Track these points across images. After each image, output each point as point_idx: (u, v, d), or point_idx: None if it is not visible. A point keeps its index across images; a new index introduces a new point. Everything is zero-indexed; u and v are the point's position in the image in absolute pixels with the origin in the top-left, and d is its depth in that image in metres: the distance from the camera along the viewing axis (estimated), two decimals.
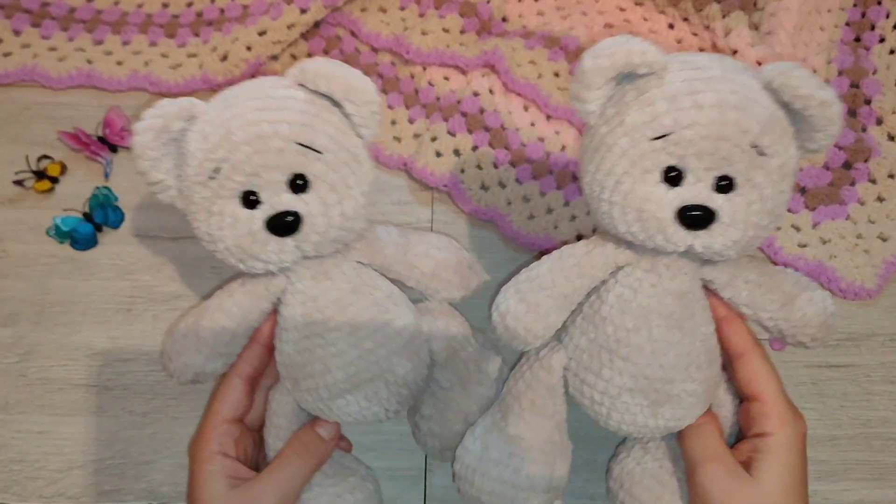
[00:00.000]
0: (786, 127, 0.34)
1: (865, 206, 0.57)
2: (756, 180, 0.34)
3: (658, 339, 0.37)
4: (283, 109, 0.35)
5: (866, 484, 0.50)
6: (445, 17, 0.62)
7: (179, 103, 0.36)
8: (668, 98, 0.33)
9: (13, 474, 0.49)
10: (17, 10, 0.64)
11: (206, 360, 0.41)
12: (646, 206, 0.34)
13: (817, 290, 0.40)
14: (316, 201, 0.36)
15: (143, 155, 0.36)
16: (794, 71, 0.33)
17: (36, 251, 0.55)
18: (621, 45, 0.33)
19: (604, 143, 0.35)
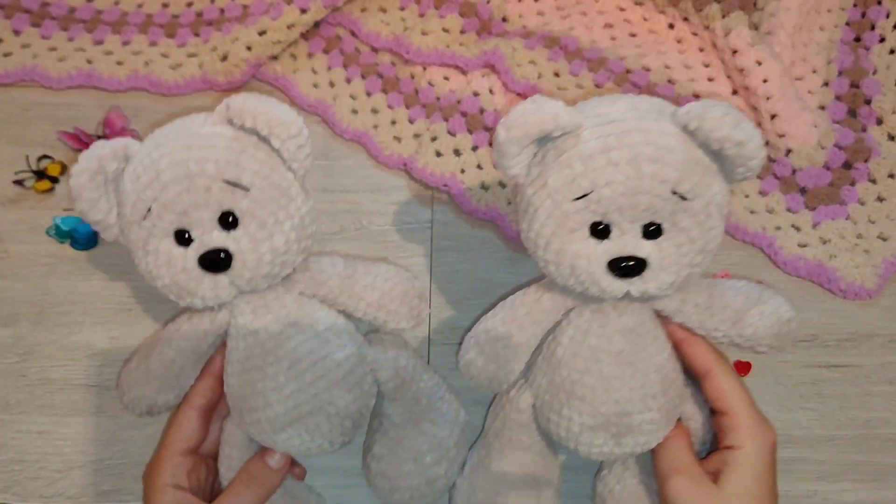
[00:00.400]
0: (707, 166, 0.34)
1: (865, 206, 0.57)
2: (682, 224, 0.34)
3: (609, 377, 0.38)
4: (209, 147, 0.36)
5: (865, 485, 0.50)
6: (445, 17, 0.62)
7: (113, 145, 0.37)
8: (584, 158, 0.34)
9: (13, 474, 0.49)
10: (17, 10, 0.64)
11: (156, 392, 0.42)
12: (577, 262, 0.35)
13: (770, 300, 0.40)
14: (245, 238, 0.37)
15: (80, 196, 0.37)
16: (708, 113, 0.33)
17: (36, 251, 0.55)
18: (533, 113, 0.34)
19: (531, 204, 0.36)
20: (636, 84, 0.60)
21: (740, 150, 0.33)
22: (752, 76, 0.59)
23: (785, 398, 0.52)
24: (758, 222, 0.56)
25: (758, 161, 0.34)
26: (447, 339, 0.53)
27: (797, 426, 0.51)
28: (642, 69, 0.61)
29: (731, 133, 0.32)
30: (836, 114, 0.61)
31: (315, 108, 0.61)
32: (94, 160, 0.36)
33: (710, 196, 0.34)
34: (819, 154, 0.58)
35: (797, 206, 0.57)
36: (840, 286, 0.54)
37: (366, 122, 0.60)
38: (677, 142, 0.34)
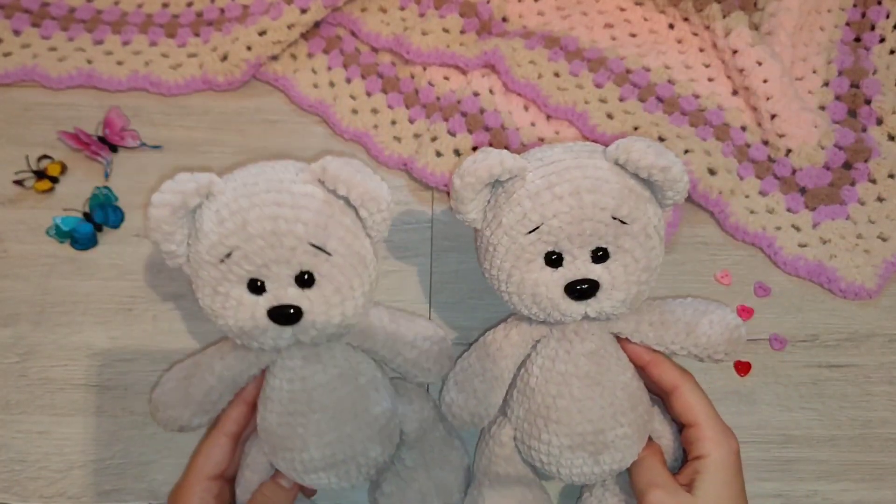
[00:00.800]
0: (640, 193, 0.39)
1: (865, 206, 0.57)
2: (625, 246, 0.39)
3: (580, 398, 0.41)
4: (300, 208, 0.36)
5: (865, 484, 0.50)
6: (445, 17, 0.62)
7: (198, 180, 0.36)
8: (531, 196, 0.38)
9: (14, 474, 0.49)
10: (17, 10, 0.64)
11: (192, 415, 0.43)
12: (537, 290, 0.39)
13: (717, 311, 0.43)
14: (319, 299, 0.37)
15: (158, 229, 0.36)
16: (633, 146, 0.37)
17: (36, 251, 0.55)
18: (482, 162, 0.38)
19: (490, 243, 0.40)
20: (636, 84, 0.60)
21: (666, 175, 0.37)
22: (752, 76, 0.59)
23: (785, 398, 0.52)
24: (758, 222, 0.56)
25: (683, 185, 0.38)
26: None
27: (797, 426, 0.51)
28: (642, 69, 0.61)
29: (655, 161, 0.37)
30: (836, 114, 0.61)
31: (315, 108, 0.61)
32: (179, 195, 0.36)
33: (647, 219, 0.39)
34: (819, 154, 0.58)
35: (797, 206, 0.57)
36: (840, 286, 0.54)
37: (366, 122, 0.60)
38: (611, 174, 0.38)
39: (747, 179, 0.58)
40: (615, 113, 0.59)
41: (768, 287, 0.55)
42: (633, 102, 0.60)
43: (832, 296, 0.55)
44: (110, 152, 0.58)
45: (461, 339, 0.53)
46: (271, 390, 0.41)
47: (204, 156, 0.59)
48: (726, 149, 0.58)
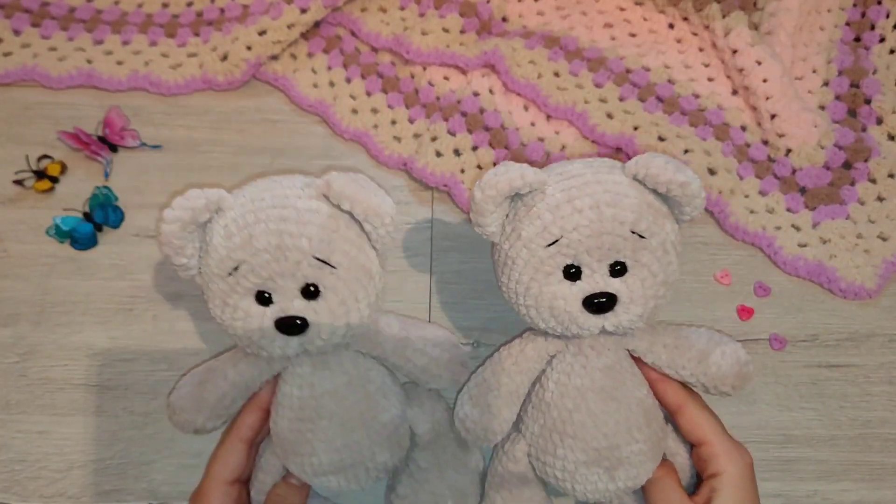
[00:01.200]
0: (658, 208, 0.39)
1: (865, 205, 0.57)
2: (643, 260, 0.39)
3: (596, 412, 0.41)
4: (305, 223, 0.37)
5: (865, 484, 0.50)
6: (445, 17, 0.62)
7: (208, 196, 0.37)
8: (552, 209, 0.38)
9: (14, 474, 0.49)
10: (17, 10, 0.64)
11: (206, 419, 0.43)
12: (555, 303, 0.39)
13: (729, 343, 0.43)
14: (325, 310, 0.38)
15: (169, 243, 0.37)
16: (652, 162, 0.38)
17: (36, 251, 0.55)
18: (503, 175, 0.38)
19: (508, 256, 0.40)
20: (636, 84, 0.60)
21: (684, 191, 0.37)
22: (752, 76, 0.59)
23: (785, 398, 0.52)
24: (758, 222, 0.56)
25: (700, 200, 0.38)
26: None
27: (797, 426, 0.51)
28: (642, 69, 0.61)
29: (674, 176, 0.37)
30: (836, 114, 0.61)
31: (315, 108, 0.61)
32: (189, 211, 0.37)
33: (665, 235, 0.39)
34: (819, 154, 0.58)
35: (797, 206, 0.57)
36: (840, 286, 0.54)
37: (366, 122, 0.60)
38: (630, 188, 0.38)
39: (747, 179, 0.58)
40: (615, 113, 0.59)
41: (768, 287, 0.55)
42: (633, 102, 0.60)
43: (832, 296, 0.55)
44: (110, 152, 0.58)
45: (460, 339, 0.53)
46: (282, 396, 0.42)
47: (204, 156, 0.59)
48: (726, 148, 0.58)
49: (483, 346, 0.53)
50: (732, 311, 0.54)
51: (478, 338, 0.53)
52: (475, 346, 0.53)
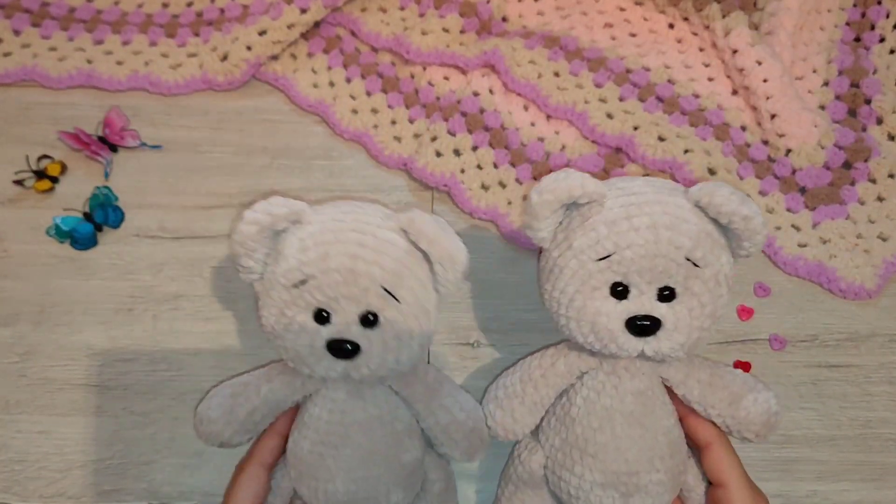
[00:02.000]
0: (716, 239, 0.38)
1: (865, 205, 0.57)
2: (694, 289, 0.38)
3: (621, 435, 0.40)
4: (381, 253, 0.37)
5: (865, 484, 0.50)
6: (445, 17, 0.62)
7: (291, 206, 0.37)
8: (608, 223, 0.37)
9: (14, 474, 0.49)
10: (17, 10, 0.64)
11: (233, 433, 0.43)
12: (598, 319, 0.38)
13: (762, 391, 0.42)
14: (378, 342, 0.38)
15: (244, 244, 0.37)
16: (718, 191, 0.37)
17: (36, 251, 0.55)
18: (563, 181, 0.37)
19: (556, 265, 0.39)
20: (636, 84, 0.60)
21: (746, 224, 0.36)
22: (752, 76, 0.59)
23: (785, 398, 0.52)
24: None
25: (762, 237, 0.37)
26: (447, 339, 0.53)
27: (797, 426, 0.51)
28: (642, 69, 0.61)
29: (738, 208, 0.36)
30: (836, 114, 0.61)
31: (315, 108, 0.61)
32: (269, 217, 0.37)
33: (720, 266, 0.38)
34: (819, 154, 0.58)
35: (797, 206, 0.57)
36: (840, 286, 0.54)
37: (366, 122, 0.60)
38: (691, 214, 0.37)
39: (747, 179, 0.58)
40: (615, 113, 0.59)
41: (768, 287, 0.55)
42: (633, 102, 0.60)
43: (832, 296, 0.55)
44: (110, 152, 0.58)
45: (461, 339, 0.53)
46: (309, 417, 0.42)
47: (204, 156, 0.59)
48: (726, 148, 0.58)
49: (483, 346, 0.53)
50: (732, 311, 0.54)
51: (477, 338, 0.53)
52: (475, 346, 0.53)
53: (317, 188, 0.58)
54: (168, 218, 0.57)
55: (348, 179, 0.59)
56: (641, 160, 0.57)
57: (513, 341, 0.53)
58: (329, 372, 0.39)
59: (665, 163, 0.57)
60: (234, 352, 0.52)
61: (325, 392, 0.42)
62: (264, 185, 0.58)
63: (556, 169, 0.57)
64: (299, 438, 0.42)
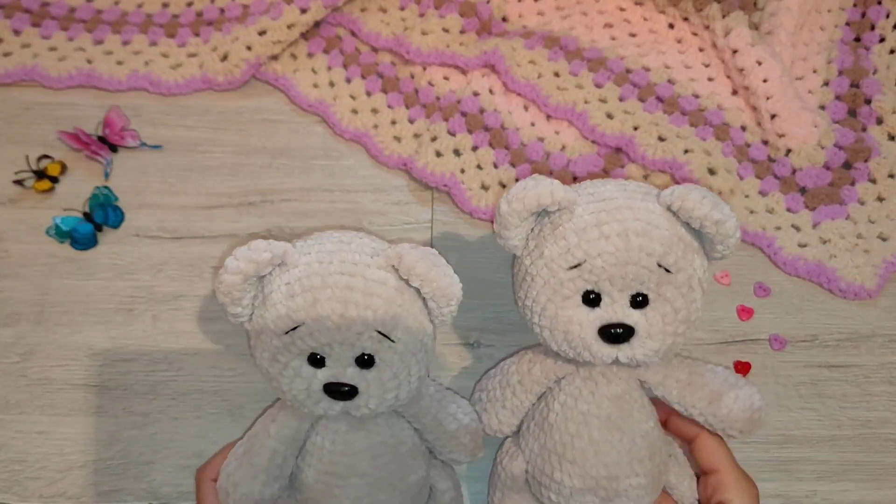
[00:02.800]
0: (689, 243, 0.37)
1: (865, 205, 0.57)
2: (666, 295, 0.37)
3: (599, 440, 0.40)
4: (372, 295, 0.36)
5: (865, 484, 0.50)
6: (445, 17, 0.62)
7: (274, 249, 0.36)
8: (578, 231, 0.37)
9: (14, 474, 0.49)
10: (17, 10, 0.64)
11: (263, 486, 0.41)
12: (570, 328, 0.38)
13: (744, 387, 0.42)
14: (376, 382, 0.37)
15: (228, 294, 0.36)
16: (689, 195, 0.36)
17: (36, 251, 0.55)
18: (532, 189, 0.37)
19: (528, 273, 0.39)
20: (636, 84, 0.60)
21: (718, 229, 0.36)
22: (752, 76, 0.59)
23: (785, 398, 0.52)
24: (758, 222, 0.56)
25: (734, 240, 0.37)
26: (447, 339, 0.53)
27: (797, 426, 0.51)
28: (642, 69, 0.61)
29: (710, 212, 0.36)
30: (836, 114, 0.61)
31: (315, 108, 0.61)
32: (252, 264, 0.35)
33: (692, 270, 0.37)
34: (819, 154, 0.58)
35: (797, 206, 0.57)
36: (840, 286, 0.54)
37: (366, 122, 0.60)
38: (662, 219, 0.37)
39: (747, 179, 0.58)
40: (615, 113, 0.59)
41: (768, 287, 0.55)
42: (633, 102, 0.60)
43: (832, 296, 0.55)
44: (110, 152, 0.58)
45: (460, 339, 0.53)
46: (312, 446, 0.41)
47: (204, 156, 0.59)
48: (726, 149, 0.58)
49: (483, 347, 0.53)
50: (732, 312, 0.54)
51: (477, 338, 0.53)
52: (475, 346, 0.53)
53: (317, 188, 0.58)
54: (168, 218, 0.57)
55: (348, 179, 0.59)
56: (641, 160, 0.57)
57: (513, 341, 0.53)
58: (328, 412, 0.38)
59: (665, 163, 0.57)
60: (234, 352, 0.52)
61: (325, 422, 0.41)
62: (264, 185, 0.58)
63: (557, 169, 0.58)
64: (304, 466, 0.41)
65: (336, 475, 0.40)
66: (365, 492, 0.40)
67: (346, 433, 0.40)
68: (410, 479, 0.42)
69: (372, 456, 0.41)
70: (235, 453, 0.42)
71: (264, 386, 0.51)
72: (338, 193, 0.58)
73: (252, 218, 0.57)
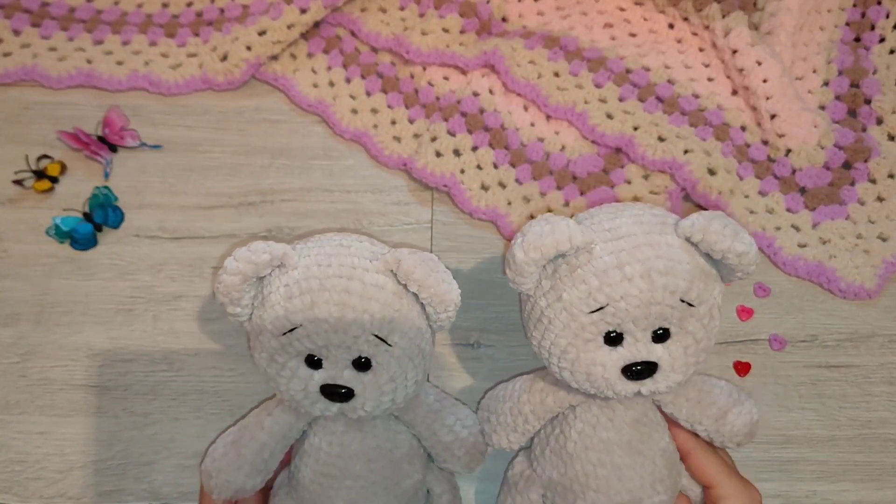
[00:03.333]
0: (708, 273, 0.37)
1: (865, 206, 0.57)
2: (689, 328, 0.37)
3: (622, 466, 0.40)
4: (369, 299, 0.36)
5: (865, 485, 0.50)
6: (445, 17, 0.62)
7: (273, 251, 0.36)
8: (599, 274, 0.36)
9: (14, 475, 0.49)
10: (17, 10, 0.64)
11: (246, 476, 0.41)
12: (593, 369, 0.37)
13: (745, 402, 0.42)
14: (372, 385, 0.37)
15: (228, 294, 0.37)
16: (710, 226, 0.35)
17: (36, 251, 0.55)
18: (549, 236, 0.35)
19: (545, 315, 0.37)
20: (636, 84, 0.60)
21: (741, 260, 0.36)
22: (752, 76, 0.59)
23: (785, 398, 0.52)
24: (758, 222, 0.56)
25: (754, 267, 0.37)
26: (447, 339, 0.53)
27: (797, 426, 0.51)
28: (642, 69, 0.61)
29: (732, 245, 0.35)
30: (836, 114, 0.61)
31: (315, 108, 0.61)
32: (252, 265, 0.36)
33: (713, 300, 0.37)
34: (819, 154, 0.58)
35: (797, 207, 0.57)
36: (840, 286, 0.54)
37: (366, 122, 0.60)
38: (683, 253, 0.36)
39: (747, 179, 0.58)
40: (615, 113, 0.59)
41: (768, 287, 0.55)
42: (633, 102, 0.59)
43: (832, 296, 0.55)
44: (110, 152, 0.58)
45: (460, 339, 0.53)
46: (309, 446, 0.41)
47: (204, 156, 0.59)
48: (726, 149, 0.58)
49: (483, 347, 0.53)
50: (732, 312, 0.54)
51: (478, 338, 0.53)
52: (475, 346, 0.53)
53: (317, 188, 0.58)
54: (168, 218, 0.57)
55: (348, 179, 0.59)
56: (641, 160, 0.57)
57: (513, 341, 0.53)
58: (325, 412, 0.38)
59: (665, 163, 0.57)
60: (234, 352, 0.52)
61: (323, 422, 0.41)
62: (264, 185, 0.58)
63: (557, 169, 0.58)
64: (301, 465, 0.42)
65: (331, 476, 0.40)
66: (359, 494, 0.40)
67: (343, 434, 0.41)
68: (405, 483, 0.42)
69: (367, 459, 0.41)
70: (224, 439, 0.42)
71: (264, 386, 0.51)
72: (338, 193, 0.58)
73: (252, 218, 0.57)
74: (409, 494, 0.42)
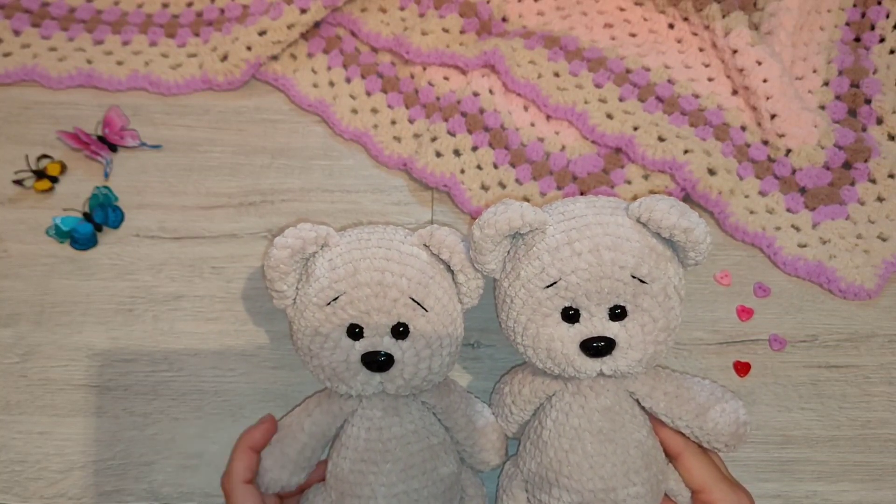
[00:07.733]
0: (661, 252, 0.38)
1: (865, 206, 0.57)
2: (643, 305, 0.38)
3: (593, 454, 0.41)
4: (406, 265, 0.40)
5: (865, 485, 0.50)
6: (445, 17, 0.62)
7: (318, 230, 0.40)
8: (551, 250, 0.38)
9: (14, 475, 0.49)
10: (17, 10, 0.64)
11: (290, 474, 0.44)
12: (552, 345, 0.39)
13: (730, 400, 0.43)
14: (411, 351, 0.40)
15: (277, 268, 0.40)
16: (656, 205, 0.37)
17: (36, 251, 0.55)
18: (502, 213, 0.38)
19: (507, 295, 0.40)
20: (636, 84, 0.60)
21: (688, 237, 0.37)
22: (752, 76, 0.59)
23: (785, 398, 0.52)
24: (758, 222, 0.56)
25: (705, 246, 0.38)
26: None
27: (797, 426, 0.51)
28: (642, 69, 0.61)
29: (678, 221, 0.37)
30: (836, 114, 0.61)
31: (315, 107, 0.61)
32: (300, 240, 0.40)
33: (667, 279, 0.38)
34: (819, 154, 0.58)
35: (797, 207, 0.57)
36: (840, 286, 0.54)
37: (365, 121, 0.60)
38: (632, 232, 0.38)
39: (747, 179, 0.58)
40: (615, 113, 0.59)
41: (768, 287, 0.55)
42: (633, 102, 0.60)
43: (832, 296, 0.55)
44: (110, 152, 0.58)
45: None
46: (347, 438, 0.43)
47: (204, 156, 0.59)
48: (726, 149, 0.58)
49: (483, 347, 0.53)
50: (732, 312, 0.55)
51: (478, 338, 0.53)
52: (475, 346, 0.53)
53: (316, 188, 0.58)
54: (168, 218, 0.57)
55: (348, 179, 0.59)
56: (641, 160, 0.57)
57: None
58: (365, 387, 0.41)
59: (665, 163, 0.57)
60: (234, 352, 0.52)
61: (361, 412, 0.43)
62: (264, 185, 0.58)
63: (557, 169, 0.58)
64: (339, 460, 0.43)
65: (370, 462, 0.42)
66: (399, 478, 0.42)
67: (381, 419, 0.43)
68: (442, 470, 0.43)
69: (405, 442, 0.42)
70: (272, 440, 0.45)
71: (265, 386, 0.51)
72: (338, 193, 0.58)
73: (252, 218, 0.57)
74: (446, 484, 0.43)
